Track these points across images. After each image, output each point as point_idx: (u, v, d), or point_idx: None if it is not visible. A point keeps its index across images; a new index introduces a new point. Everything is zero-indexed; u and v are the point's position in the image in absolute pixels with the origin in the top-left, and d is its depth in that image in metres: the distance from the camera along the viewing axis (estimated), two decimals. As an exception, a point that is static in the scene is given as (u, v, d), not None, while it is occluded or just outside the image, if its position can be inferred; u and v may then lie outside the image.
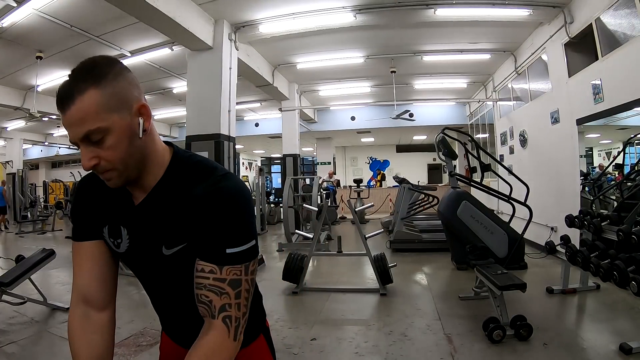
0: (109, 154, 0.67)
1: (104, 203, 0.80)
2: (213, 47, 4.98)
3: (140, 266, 0.83)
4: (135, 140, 0.70)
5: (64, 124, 0.66)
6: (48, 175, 18.96)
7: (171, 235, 0.74)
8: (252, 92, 8.54)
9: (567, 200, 4.86)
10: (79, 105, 0.64)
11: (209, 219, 0.71)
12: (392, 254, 5.76)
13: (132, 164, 0.71)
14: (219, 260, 0.71)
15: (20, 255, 3.72)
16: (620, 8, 3.90)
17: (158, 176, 0.76)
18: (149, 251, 0.77)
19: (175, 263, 0.76)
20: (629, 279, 2.49)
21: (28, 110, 7.75)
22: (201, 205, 0.71)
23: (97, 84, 0.65)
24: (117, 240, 0.80)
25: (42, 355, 2.66)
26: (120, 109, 0.68)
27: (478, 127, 9.74)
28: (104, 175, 0.71)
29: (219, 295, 0.70)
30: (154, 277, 0.83)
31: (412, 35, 6.06)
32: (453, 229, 4.66)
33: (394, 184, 10.20)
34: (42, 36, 5.40)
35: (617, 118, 4.24)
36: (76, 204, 0.85)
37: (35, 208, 10.51)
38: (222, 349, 0.70)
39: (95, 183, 0.81)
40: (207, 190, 0.72)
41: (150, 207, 0.76)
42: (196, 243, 0.73)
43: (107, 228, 0.80)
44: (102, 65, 0.68)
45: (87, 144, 0.66)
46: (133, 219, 0.78)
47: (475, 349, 2.60)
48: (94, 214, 0.81)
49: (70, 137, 0.67)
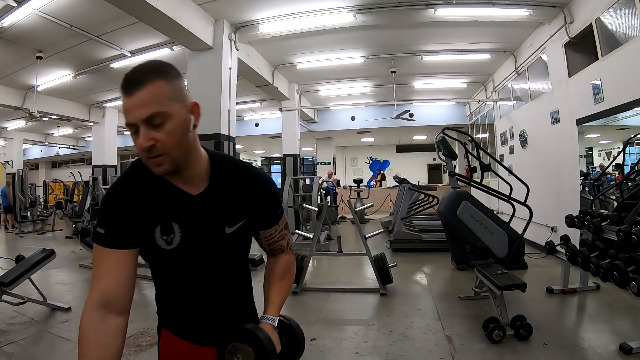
0: (166, 138, 0.76)
1: (153, 205, 0.84)
2: (213, 47, 4.98)
3: (193, 254, 0.89)
4: (188, 133, 0.81)
5: (129, 105, 0.74)
6: (48, 175, 18.96)
7: (234, 215, 0.91)
8: (252, 92, 8.54)
9: (567, 200, 4.86)
10: (149, 90, 0.74)
11: (265, 198, 0.95)
12: (392, 254, 5.76)
13: (182, 152, 0.80)
14: (276, 220, 1.00)
15: (20, 255, 3.72)
16: (620, 8, 3.90)
17: (204, 168, 0.88)
18: (211, 234, 0.89)
19: (235, 239, 0.92)
20: (629, 279, 2.49)
21: (28, 110, 7.75)
22: (256, 190, 0.93)
23: (165, 77, 0.77)
24: (169, 237, 0.85)
25: (42, 355, 2.67)
26: (180, 102, 0.79)
27: (478, 127, 9.74)
28: (156, 160, 0.77)
29: (284, 238, 1.04)
30: (209, 259, 0.91)
31: (412, 35, 6.06)
32: (453, 229, 4.66)
33: (394, 184, 10.20)
34: (42, 36, 5.40)
35: (617, 118, 4.24)
36: (114, 210, 0.84)
37: (35, 208, 10.50)
38: (292, 261, 1.09)
39: (136, 189, 0.85)
40: (254, 179, 0.94)
41: (211, 195, 0.88)
42: (257, 218, 0.95)
43: (159, 228, 0.85)
44: (166, 65, 0.81)
45: (147, 126, 0.75)
46: (189, 211, 0.86)
47: (475, 349, 2.60)
48: (139, 221, 0.83)
49: (130, 119, 0.74)
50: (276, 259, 1.06)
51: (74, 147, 15.42)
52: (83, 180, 10.64)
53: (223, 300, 0.96)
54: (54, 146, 15.43)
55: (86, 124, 10.70)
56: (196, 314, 0.95)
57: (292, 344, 0.97)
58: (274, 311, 0.98)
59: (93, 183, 9.24)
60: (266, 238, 1.01)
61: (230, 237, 0.91)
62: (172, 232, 0.85)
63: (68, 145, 15.18)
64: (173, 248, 0.86)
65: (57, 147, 15.49)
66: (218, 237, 0.90)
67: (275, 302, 1.00)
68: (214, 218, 0.89)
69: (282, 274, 1.05)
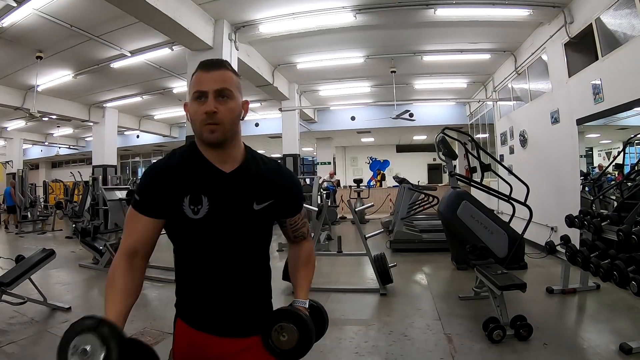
0: (226, 111, 0.93)
1: (185, 180, 0.95)
2: (213, 47, 4.98)
3: (220, 226, 0.96)
4: (238, 118, 0.98)
5: (206, 78, 0.93)
6: (48, 175, 18.97)
7: (262, 194, 1.00)
8: (252, 92, 8.53)
9: (567, 200, 4.86)
10: (225, 73, 0.95)
11: (290, 186, 1.08)
12: (392, 254, 5.75)
13: (231, 130, 0.95)
14: (299, 209, 1.13)
15: (20, 255, 3.71)
16: (620, 8, 3.90)
17: (240, 153, 1.02)
18: (239, 209, 0.97)
19: (261, 217, 1.00)
20: (629, 279, 2.49)
21: (28, 110, 7.76)
22: (282, 177, 1.06)
23: (234, 73, 0.99)
24: (197, 207, 0.94)
25: (42, 355, 2.66)
26: (239, 94, 0.98)
27: (478, 127, 9.74)
28: (212, 127, 0.92)
29: (304, 226, 1.16)
30: (233, 234, 0.98)
31: (412, 35, 6.06)
32: (453, 229, 4.66)
33: (394, 184, 10.20)
34: (42, 36, 5.40)
35: (617, 118, 4.24)
36: (150, 182, 0.97)
37: (35, 208, 10.48)
38: (312, 247, 1.21)
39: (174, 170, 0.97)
40: (281, 168, 1.09)
41: (243, 173, 0.99)
42: (284, 206, 1.06)
43: (188, 198, 0.94)
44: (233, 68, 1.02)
45: (216, 97, 0.92)
46: (220, 186, 0.96)
47: (475, 349, 2.60)
48: (171, 193, 0.94)
49: (205, 87, 0.92)
50: (299, 246, 1.17)
51: (74, 147, 15.43)
52: (83, 180, 10.64)
53: (241, 286, 1.00)
54: (54, 146, 15.44)
55: (86, 124, 10.71)
56: (213, 299, 0.99)
57: (319, 322, 1.10)
58: (304, 295, 1.08)
59: (93, 183, 9.23)
60: (291, 225, 1.12)
61: (257, 213, 0.99)
62: (200, 203, 0.94)
63: (68, 145, 15.19)
64: (199, 218, 0.94)
65: (57, 147, 15.51)
66: (246, 212, 0.98)
67: (303, 286, 1.10)
68: (244, 194, 0.98)
69: (306, 261, 1.16)
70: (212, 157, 0.98)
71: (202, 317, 0.99)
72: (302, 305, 1.04)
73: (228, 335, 0.99)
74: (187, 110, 0.98)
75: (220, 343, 0.99)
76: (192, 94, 0.93)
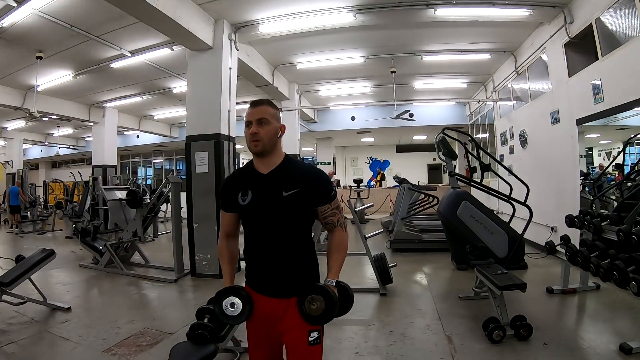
0: (264, 132, 1.36)
1: (239, 183, 1.44)
2: (213, 47, 4.97)
3: (258, 209, 1.38)
4: (275, 137, 1.40)
5: (252, 112, 1.38)
6: (48, 175, 18.97)
7: (289, 184, 1.36)
8: (252, 92, 8.52)
9: (567, 200, 4.86)
10: (264, 108, 1.39)
11: (316, 180, 1.40)
12: (392, 254, 5.76)
13: (269, 144, 1.38)
14: (329, 200, 1.42)
15: (20, 255, 3.71)
16: (620, 8, 3.90)
17: (279, 160, 1.42)
18: (272, 195, 1.36)
19: (289, 202, 1.35)
20: (629, 279, 2.49)
21: (28, 110, 7.75)
22: (310, 173, 1.42)
23: (271, 106, 1.42)
24: (244, 197, 1.39)
25: (42, 355, 2.66)
26: (275, 121, 1.41)
27: (478, 127, 9.74)
28: (255, 142, 1.36)
29: (334, 215, 1.44)
30: (268, 214, 1.36)
31: (412, 35, 6.06)
32: (453, 229, 4.66)
33: (394, 184, 10.20)
34: (42, 36, 5.40)
35: (617, 118, 4.24)
36: (224, 191, 1.48)
37: (35, 208, 10.48)
38: (344, 236, 1.46)
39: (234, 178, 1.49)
40: (311, 168, 1.46)
41: (275, 173, 1.40)
42: (312, 194, 1.38)
43: (240, 193, 1.41)
44: (272, 103, 1.44)
45: (257, 124, 1.36)
46: (259, 183, 1.39)
47: (475, 349, 2.60)
48: (233, 192, 1.43)
49: (251, 118, 1.37)
50: (332, 235, 1.46)
51: (74, 147, 15.42)
52: (83, 180, 10.63)
53: (280, 256, 1.37)
54: (54, 146, 15.43)
55: (86, 124, 10.70)
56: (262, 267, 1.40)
57: (345, 298, 1.41)
58: (333, 275, 1.38)
59: (93, 183, 9.23)
60: (321, 213, 1.43)
61: (285, 199, 1.35)
62: (246, 194, 1.39)
63: (68, 145, 15.18)
64: (246, 204, 1.39)
65: (57, 147, 15.49)
66: (277, 199, 1.36)
67: (333, 269, 1.39)
68: (275, 186, 1.37)
69: (336, 247, 1.44)
70: (257, 164, 1.42)
71: (258, 282, 1.40)
72: (330, 284, 1.35)
73: (275, 296, 1.37)
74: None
75: (270, 303, 1.37)
76: (245, 123, 1.39)
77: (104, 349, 2.69)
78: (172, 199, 4.95)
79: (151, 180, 16.85)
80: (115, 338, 2.88)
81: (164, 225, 9.83)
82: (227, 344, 2.47)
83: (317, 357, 1.36)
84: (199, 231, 4.80)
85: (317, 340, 1.34)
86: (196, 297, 4.02)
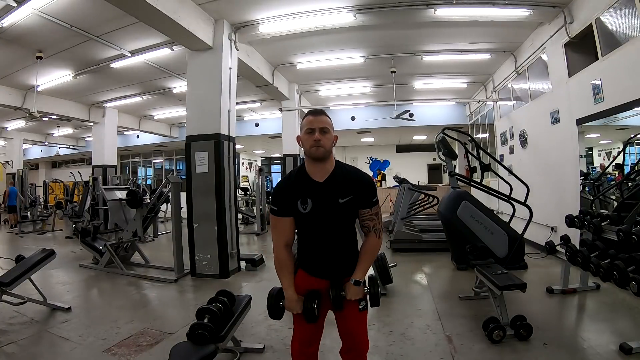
0: (325, 140, 1.53)
1: (297, 191, 1.57)
2: (213, 47, 4.97)
3: (319, 215, 1.56)
4: (332, 145, 1.56)
5: (315, 120, 1.54)
6: (48, 175, 18.96)
7: (345, 192, 1.55)
8: (252, 92, 8.54)
9: (567, 200, 4.86)
10: (325, 118, 1.56)
11: (363, 187, 1.58)
12: (392, 254, 5.76)
13: (327, 151, 1.54)
14: (370, 205, 1.60)
15: (20, 255, 3.71)
16: (620, 8, 3.90)
17: (332, 167, 1.59)
18: (330, 203, 1.55)
19: (344, 208, 1.56)
20: (629, 279, 2.49)
21: (28, 110, 7.75)
22: (359, 181, 1.58)
23: (329, 118, 1.58)
24: (305, 205, 1.55)
25: (42, 355, 2.66)
26: (332, 131, 1.58)
27: (478, 127, 9.74)
28: (318, 149, 1.52)
29: (371, 220, 1.61)
30: (327, 219, 1.57)
31: (412, 35, 6.06)
32: (453, 229, 4.66)
33: (394, 184, 10.20)
34: (42, 36, 5.40)
35: (617, 118, 4.24)
36: (279, 196, 1.60)
37: (35, 208, 10.48)
38: (375, 243, 1.64)
39: (290, 186, 1.60)
40: (359, 176, 1.61)
41: (330, 181, 1.56)
42: (359, 199, 1.57)
43: (299, 201, 1.56)
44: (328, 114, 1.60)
45: (320, 131, 1.52)
46: (317, 191, 1.55)
47: (475, 349, 2.60)
48: (291, 199, 1.57)
49: (314, 126, 1.53)
50: (366, 238, 1.64)
51: (74, 147, 15.41)
52: (83, 180, 10.63)
53: (334, 248, 1.62)
54: (54, 146, 15.43)
55: (86, 124, 10.70)
56: (318, 257, 1.64)
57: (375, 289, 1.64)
58: (359, 276, 1.61)
59: (93, 183, 9.24)
60: (361, 215, 1.61)
61: (341, 205, 1.55)
62: (306, 203, 1.55)
63: (68, 145, 15.17)
64: (307, 212, 1.56)
65: (57, 147, 15.49)
66: (334, 205, 1.55)
67: (359, 271, 1.61)
68: (332, 194, 1.55)
69: (367, 252, 1.64)
70: (311, 171, 1.58)
71: (313, 268, 1.65)
72: (353, 284, 1.59)
73: (327, 278, 1.63)
74: (300, 139, 1.58)
75: (322, 282, 1.63)
76: (305, 130, 1.54)
77: (104, 349, 2.69)
78: (172, 199, 4.95)
79: (151, 180, 16.84)
80: (115, 338, 2.88)
81: (164, 225, 9.84)
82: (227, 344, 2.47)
83: (365, 319, 1.72)
84: (199, 231, 4.80)
85: (365, 307, 1.66)
86: (196, 297, 4.02)
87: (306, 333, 1.69)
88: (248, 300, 2.58)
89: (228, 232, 4.81)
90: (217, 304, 2.28)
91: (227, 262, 4.74)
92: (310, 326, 1.64)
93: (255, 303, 2.74)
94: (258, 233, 8.58)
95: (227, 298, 2.41)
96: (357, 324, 1.69)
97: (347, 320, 1.68)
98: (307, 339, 1.71)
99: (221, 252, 4.72)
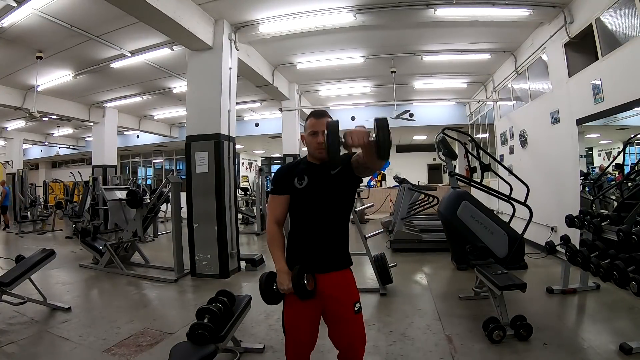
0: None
1: (296, 171, 1.64)
2: (213, 47, 4.97)
3: (313, 190, 1.59)
4: None
5: (317, 123, 1.58)
6: (48, 175, 18.95)
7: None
8: (252, 92, 8.53)
9: (567, 200, 4.86)
10: (328, 120, 1.52)
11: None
12: (392, 254, 5.76)
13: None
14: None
15: (20, 255, 3.71)
16: (620, 8, 3.90)
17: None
18: (324, 177, 1.58)
19: (337, 180, 1.58)
20: (629, 279, 2.49)
21: (28, 110, 7.74)
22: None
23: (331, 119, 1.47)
24: (301, 182, 1.61)
25: (42, 355, 2.66)
26: None
27: (478, 127, 9.74)
28: (321, 150, 1.55)
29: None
30: (321, 194, 1.58)
31: (412, 35, 6.06)
32: (453, 229, 4.66)
33: (394, 184, 10.19)
34: (42, 36, 5.40)
35: (617, 118, 4.24)
36: (279, 176, 1.68)
37: (35, 208, 10.48)
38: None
39: (290, 168, 1.68)
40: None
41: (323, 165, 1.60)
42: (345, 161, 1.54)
43: (296, 178, 1.62)
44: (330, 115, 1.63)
45: (322, 133, 1.49)
46: (315, 171, 1.62)
47: (475, 349, 2.60)
48: (288, 178, 1.63)
49: (317, 128, 1.57)
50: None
51: (74, 147, 15.41)
52: (83, 180, 10.63)
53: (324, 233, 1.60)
54: (54, 146, 15.43)
55: (86, 124, 10.69)
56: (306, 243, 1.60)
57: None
58: None
59: (93, 183, 9.23)
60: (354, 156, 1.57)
61: (334, 176, 1.57)
62: (303, 179, 1.61)
63: (68, 145, 15.17)
64: (303, 187, 1.60)
65: (57, 147, 15.48)
66: (327, 179, 1.58)
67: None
68: (325, 170, 1.58)
69: None
70: (312, 160, 1.65)
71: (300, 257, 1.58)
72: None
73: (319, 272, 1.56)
74: (304, 139, 1.65)
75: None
76: (309, 132, 1.60)
77: (104, 349, 2.69)
78: (172, 199, 4.95)
79: (151, 180, 16.84)
80: (115, 338, 2.88)
81: (164, 225, 9.83)
82: (227, 344, 2.47)
83: (361, 323, 1.63)
84: (199, 231, 4.80)
85: (360, 309, 1.60)
86: (196, 297, 4.02)
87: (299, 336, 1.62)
88: (248, 300, 2.58)
89: (228, 232, 4.81)
90: (217, 304, 2.28)
91: (227, 262, 4.74)
92: (304, 329, 1.59)
93: (255, 303, 2.73)
94: (258, 233, 8.58)
95: (227, 298, 2.41)
96: (354, 327, 1.59)
97: (341, 325, 1.58)
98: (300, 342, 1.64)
99: (221, 252, 4.72)
